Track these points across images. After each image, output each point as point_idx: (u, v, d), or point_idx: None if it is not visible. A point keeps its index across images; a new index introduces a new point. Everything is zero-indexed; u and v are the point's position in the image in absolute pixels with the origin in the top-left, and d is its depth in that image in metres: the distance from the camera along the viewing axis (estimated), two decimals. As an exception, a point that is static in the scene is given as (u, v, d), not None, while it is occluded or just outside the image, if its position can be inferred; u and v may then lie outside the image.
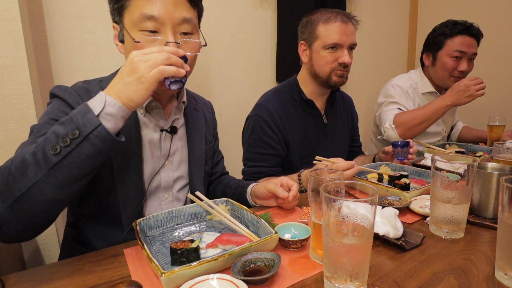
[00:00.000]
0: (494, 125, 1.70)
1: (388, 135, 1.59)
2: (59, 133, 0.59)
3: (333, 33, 1.21)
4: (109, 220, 0.84)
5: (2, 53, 1.07)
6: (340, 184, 0.61)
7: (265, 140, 1.27)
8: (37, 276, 0.63)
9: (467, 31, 1.60)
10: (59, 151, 0.58)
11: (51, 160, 0.59)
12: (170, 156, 0.92)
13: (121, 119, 0.65)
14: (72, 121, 0.60)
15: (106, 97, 0.62)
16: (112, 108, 0.62)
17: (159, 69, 0.62)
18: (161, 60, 0.63)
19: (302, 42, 1.31)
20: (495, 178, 0.79)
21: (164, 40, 0.76)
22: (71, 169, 0.60)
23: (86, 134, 0.59)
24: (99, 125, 0.60)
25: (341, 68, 1.26)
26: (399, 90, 1.72)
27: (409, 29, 2.77)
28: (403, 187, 0.99)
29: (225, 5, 1.76)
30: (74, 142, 0.59)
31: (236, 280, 0.55)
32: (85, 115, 0.60)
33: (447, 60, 1.64)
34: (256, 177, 1.27)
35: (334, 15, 1.22)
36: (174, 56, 0.65)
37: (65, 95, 0.80)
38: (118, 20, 0.81)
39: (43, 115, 0.78)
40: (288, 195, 0.87)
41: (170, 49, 0.66)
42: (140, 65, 0.62)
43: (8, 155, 1.12)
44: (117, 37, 0.83)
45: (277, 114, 1.28)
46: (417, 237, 0.73)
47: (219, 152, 1.20)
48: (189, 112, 0.99)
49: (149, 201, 0.90)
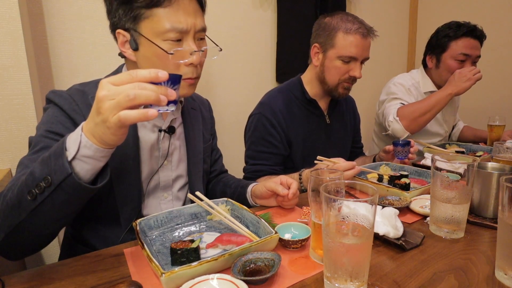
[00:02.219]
0: (494, 125, 1.70)
1: (393, 129, 1.57)
2: (35, 176, 0.57)
3: (351, 46, 1.19)
4: (107, 221, 0.84)
5: (2, 53, 1.07)
6: (340, 184, 0.61)
7: (267, 138, 1.27)
8: (37, 276, 0.62)
9: (471, 34, 1.60)
10: (35, 197, 0.57)
11: (30, 205, 0.58)
12: (169, 156, 0.92)
13: (102, 159, 0.59)
14: (46, 164, 0.57)
15: (82, 136, 0.57)
16: (88, 150, 0.57)
17: (119, 117, 0.52)
18: (125, 101, 0.51)
19: (316, 44, 1.28)
20: (495, 178, 0.79)
21: (191, 49, 0.78)
22: (51, 212, 0.60)
23: (58, 183, 0.56)
24: (70, 175, 0.55)
25: (349, 82, 1.26)
26: (401, 87, 1.72)
27: (409, 29, 2.77)
28: (403, 187, 0.99)
29: (225, 5, 1.76)
30: (47, 189, 0.56)
31: (236, 280, 0.55)
32: (58, 159, 0.56)
33: (451, 62, 1.64)
34: (257, 175, 1.27)
35: (355, 27, 1.19)
36: (146, 91, 0.52)
37: (60, 101, 0.78)
38: (130, 28, 0.78)
39: (40, 124, 0.77)
40: (288, 192, 0.88)
41: (144, 76, 0.53)
42: (105, 105, 0.52)
43: (8, 155, 1.12)
44: (123, 44, 0.80)
45: (280, 113, 1.28)
46: (417, 237, 0.73)
47: (217, 150, 1.20)
48: (187, 111, 0.99)
49: (148, 201, 0.90)
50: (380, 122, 1.81)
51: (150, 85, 0.53)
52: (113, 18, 0.79)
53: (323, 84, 1.29)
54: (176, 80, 0.57)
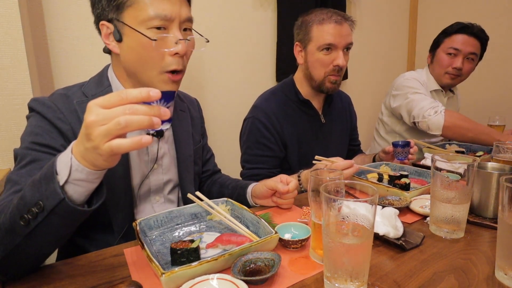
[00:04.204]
0: (494, 125, 1.70)
1: (431, 121, 1.56)
2: (26, 201, 0.54)
3: (327, 34, 1.20)
4: (100, 228, 0.83)
5: (2, 53, 1.07)
6: (340, 184, 0.61)
7: (262, 141, 1.27)
8: (37, 276, 0.62)
9: (465, 30, 1.62)
10: (28, 222, 0.54)
11: (24, 230, 0.55)
12: (159, 160, 0.91)
13: (96, 180, 0.56)
14: (37, 188, 0.54)
15: (72, 160, 0.53)
16: (80, 174, 0.54)
17: (111, 146, 0.49)
18: (116, 129, 0.48)
19: (297, 43, 1.30)
20: (495, 178, 0.79)
21: (176, 37, 0.77)
22: (47, 235, 0.57)
23: (51, 208, 0.53)
24: (62, 200, 0.52)
25: (335, 73, 1.25)
26: (416, 82, 1.72)
27: (409, 29, 2.77)
28: (403, 187, 0.99)
29: (225, 5, 1.76)
30: (40, 215, 0.53)
31: (236, 280, 0.55)
32: (49, 184, 0.53)
33: (442, 56, 1.69)
34: (254, 179, 1.26)
35: (328, 16, 1.21)
36: (138, 116, 0.49)
37: (42, 109, 0.76)
38: (114, 18, 0.76)
39: (24, 136, 0.75)
40: (288, 188, 0.88)
41: (135, 97, 0.49)
42: (94, 132, 0.48)
43: (8, 155, 1.12)
44: (107, 36, 0.79)
45: (273, 115, 1.27)
46: (417, 237, 0.73)
47: (208, 149, 1.18)
48: (175, 114, 0.98)
49: (140, 205, 0.89)
50: (388, 118, 1.82)
51: (142, 108, 0.49)
52: (97, 9, 0.78)
53: (311, 80, 1.29)
54: (169, 97, 0.54)
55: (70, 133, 0.76)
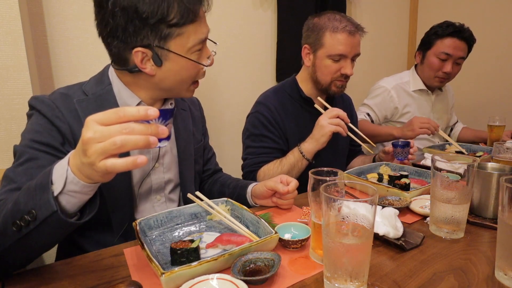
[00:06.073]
0: (494, 125, 1.70)
1: None
2: (20, 208, 0.55)
3: (339, 44, 1.20)
4: (99, 227, 0.83)
5: (2, 53, 1.07)
6: (340, 184, 0.61)
7: (266, 134, 1.28)
8: (37, 276, 0.63)
9: (457, 34, 1.62)
10: (20, 228, 0.55)
11: (15, 235, 0.56)
12: (160, 158, 0.92)
13: (90, 192, 0.57)
14: (31, 197, 0.55)
15: (68, 172, 0.54)
16: (74, 186, 0.54)
17: (105, 165, 0.49)
18: (111, 149, 0.48)
19: (306, 45, 1.30)
20: (495, 178, 0.79)
21: (209, 53, 0.85)
22: (38, 241, 0.59)
23: (43, 218, 0.54)
24: (55, 212, 0.53)
25: (342, 79, 1.27)
26: (380, 91, 1.81)
27: (409, 29, 2.77)
28: (403, 187, 0.99)
29: (225, 5, 1.76)
30: (32, 223, 0.54)
31: (236, 280, 0.55)
32: (43, 193, 0.54)
33: (433, 59, 1.69)
34: (256, 168, 1.26)
35: (342, 25, 1.20)
36: (134, 136, 0.49)
37: (42, 107, 0.76)
38: (157, 45, 0.74)
39: (25, 133, 0.76)
40: (288, 188, 0.88)
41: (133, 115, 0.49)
42: (91, 148, 0.49)
43: (8, 154, 1.12)
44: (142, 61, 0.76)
45: (276, 111, 1.29)
46: (417, 237, 0.73)
47: (209, 148, 1.19)
48: (177, 113, 0.98)
49: (141, 204, 0.89)
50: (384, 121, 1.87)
51: (139, 127, 0.49)
52: (128, 36, 0.73)
53: (317, 83, 1.30)
54: (168, 115, 0.54)
55: (68, 132, 0.77)
